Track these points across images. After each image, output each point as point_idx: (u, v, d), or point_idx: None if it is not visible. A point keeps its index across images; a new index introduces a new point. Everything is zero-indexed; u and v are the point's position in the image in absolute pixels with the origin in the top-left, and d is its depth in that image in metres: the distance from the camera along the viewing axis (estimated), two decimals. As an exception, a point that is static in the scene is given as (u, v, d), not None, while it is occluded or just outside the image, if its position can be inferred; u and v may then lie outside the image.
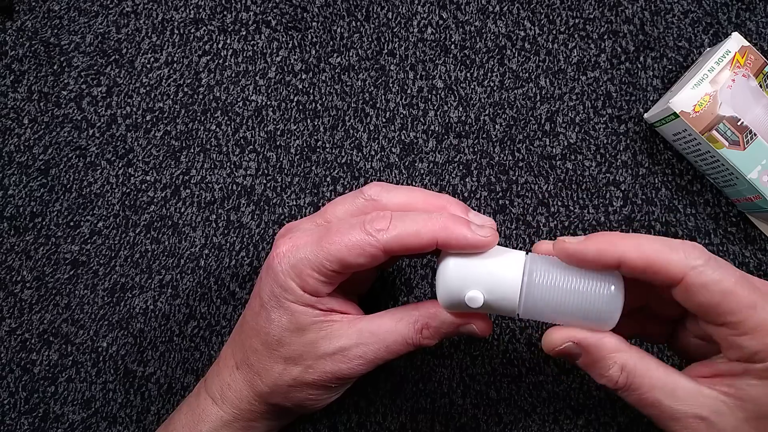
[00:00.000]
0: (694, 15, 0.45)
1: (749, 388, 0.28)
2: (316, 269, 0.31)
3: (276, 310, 0.32)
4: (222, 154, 0.44)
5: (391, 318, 0.32)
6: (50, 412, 0.42)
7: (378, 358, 0.32)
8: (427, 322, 0.32)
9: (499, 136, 0.44)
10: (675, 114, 0.40)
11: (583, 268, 0.29)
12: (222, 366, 0.35)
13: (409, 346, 0.32)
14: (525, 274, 0.30)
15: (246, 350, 0.34)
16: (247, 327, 0.34)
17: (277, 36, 0.45)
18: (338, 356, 0.32)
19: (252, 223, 0.44)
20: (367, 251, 0.30)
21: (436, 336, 0.32)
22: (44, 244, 0.44)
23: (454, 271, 0.30)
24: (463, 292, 0.30)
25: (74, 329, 0.43)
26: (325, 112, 0.45)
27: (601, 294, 0.29)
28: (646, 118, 0.44)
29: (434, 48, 0.45)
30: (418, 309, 0.33)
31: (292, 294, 0.31)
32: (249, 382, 0.34)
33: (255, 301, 0.33)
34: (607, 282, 0.29)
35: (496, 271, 0.30)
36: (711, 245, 0.43)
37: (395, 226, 0.30)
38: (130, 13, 0.45)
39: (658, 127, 0.43)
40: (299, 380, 0.32)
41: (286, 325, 0.32)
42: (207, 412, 0.34)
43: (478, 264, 0.30)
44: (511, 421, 0.42)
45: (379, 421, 0.42)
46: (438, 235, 0.30)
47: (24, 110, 0.45)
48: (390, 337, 0.32)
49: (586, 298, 0.29)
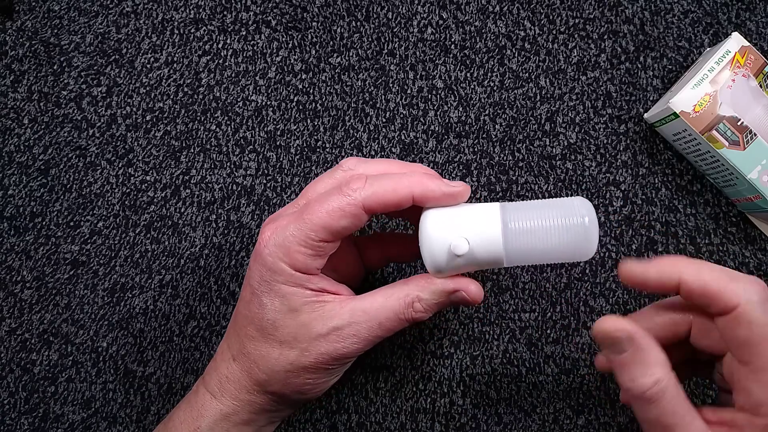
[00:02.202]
0: (694, 15, 0.45)
1: None
2: (302, 243, 0.31)
3: (267, 295, 0.32)
4: (222, 154, 0.44)
5: (383, 295, 0.33)
6: (50, 412, 0.42)
7: (372, 335, 0.32)
8: (417, 295, 0.33)
9: (499, 136, 0.44)
10: (675, 114, 0.40)
11: (552, 204, 0.31)
12: (219, 360, 0.35)
13: (402, 321, 0.33)
14: (502, 216, 0.31)
15: (242, 339, 0.34)
16: (240, 317, 0.34)
17: (277, 36, 0.45)
18: (332, 336, 0.32)
19: (252, 223, 0.44)
20: (347, 211, 0.31)
21: (428, 308, 0.33)
22: (44, 244, 0.44)
23: (434, 225, 0.31)
24: (447, 242, 0.31)
25: (74, 329, 0.43)
26: (325, 112, 0.45)
27: (577, 225, 0.30)
28: (646, 118, 0.44)
29: (434, 48, 0.45)
30: (408, 283, 0.33)
31: (281, 275, 0.32)
32: (247, 372, 0.34)
33: (245, 291, 0.34)
34: (579, 214, 0.30)
35: (475, 216, 0.31)
36: (711, 245, 0.43)
37: (371, 184, 0.31)
38: (130, 13, 0.45)
39: (658, 127, 0.43)
40: (296, 364, 0.33)
41: (278, 308, 0.32)
42: (206, 406, 0.34)
43: (457, 213, 0.31)
44: (511, 421, 0.42)
45: (379, 421, 0.42)
46: (413, 189, 0.31)
47: (24, 110, 0.45)
48: (382, 314, 0.32)
49: (562, 233, 0.30)
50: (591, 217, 0.30)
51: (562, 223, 0.30)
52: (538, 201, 0.32)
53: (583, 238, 0.30)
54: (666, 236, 0.43)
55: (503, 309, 0.43)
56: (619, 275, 0.31)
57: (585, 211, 0.30)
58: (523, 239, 0.31)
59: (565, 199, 0.32)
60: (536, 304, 0.43)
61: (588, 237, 0.30)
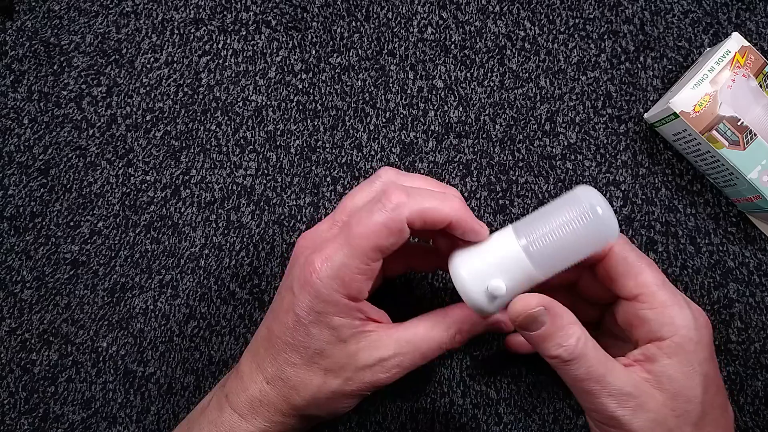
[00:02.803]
0: (694, 15, 0.45)
1: (663, 368, 0.30)
2: (357, 271, 0.31)
3: (316, 326, 0.32)
4: (222, 154, 0.44)
5: (425, 326, 0.33)
6: (50, 412, 0.42)
7: (413, 365, 0.33)
8: (460, 327, 0.33)
9: (499, 136, 0.44)
10: (675, 114, 0.40)
11: (561, 207, 0.31)
12: (248, 381, 0.34)
13: (442, 351, 0.34)
14: (522, 245, 0.31)
15: (281, 365, 0.33)
16: (280, 342, 0.33)
17: (277, 36, 0.45)
18: (377, 367, 0.32)
19: (252, 223, 0.44)
20: (393, 228, 0.30)
21: (466, 339, 0.34)
22: (44, 244, 0.44)
23: (468, 273, 0.31)
24: (484, 286, 0.31)
25: (74, 329, 0.43)
26: (325, 112, 0.45)
27: (593, 219, 0.30)
28: (646, 118, 0.44)
29: (434, 48, 0.45)
30: (449, 315, 0.34)
31: (335, 307, 0.31)
32: (284, 397, 0.33)
33: (287, 317, 0.32)
34: (589, 206, 0.30)
35: (499, 252, 0.31)
36: (711, 245, 0.43)
37: (414, 199, 0.31)
38: (130, 13, 0.45)
39: (658, 127, 0.43)
40: (338, 392, 0.33)
41: (327, 338, 0.32)
42: (235, 428, 0.34)
43: (482, 255, 0.32)
44: (511, 421, 0.42)
45: (379, 421, 0.42)
46: (453, 215, 0.31)
47: (24, 110, 0.45)
48: (425, 345, 0.33)
49: (581, 231, 0.30)
50: (600, 203, 0.30)
51: (578, 224, 0.30)
52: (545, 207, 0.32)
53: (603, 226, 0.30)
54: (666, 236, 0.43)
55: (503, 309, 0.43)
56: None
57: (594, 201, 0.30)
58: (549, 258, 0.31)
59: (569, 195, 0.31)
60: (536, 304, 0.43)
61: (606, 222, 0.30)
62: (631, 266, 0.32)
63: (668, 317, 0.31)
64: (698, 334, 0.31)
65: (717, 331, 0.42)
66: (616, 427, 0.30)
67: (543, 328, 0.30)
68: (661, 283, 0.31)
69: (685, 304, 0.31)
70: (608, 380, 0.30)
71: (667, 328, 0.31)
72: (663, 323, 0.31)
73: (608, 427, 0.31)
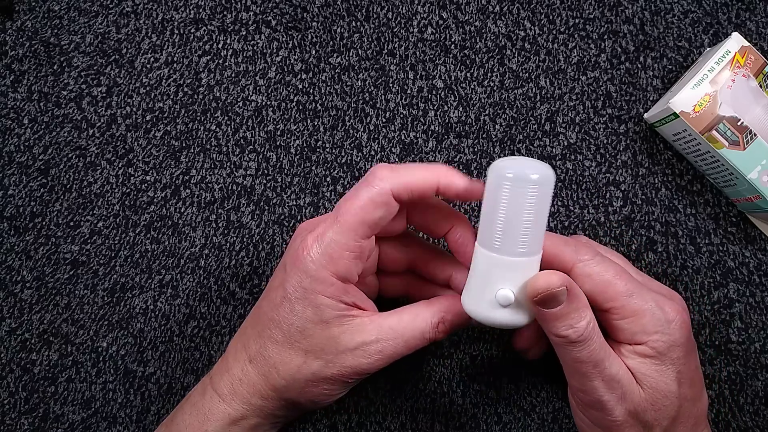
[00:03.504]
0: (694, 15, 0.45)
1: (641, 367, 0.32)
2: (345, 248, 0.31)
3: (301, 302, 0.32)
4: (222, 154, 0.44)
5: (409, 313, 0.33)
6: (50, 412, 0.42)
7: (396, 353, 0.33)
8: (443, 316, 0.34)
9: (499, 136, 0.44)
10: (675, 114, 0.40)
11: (488, 197, 0.31)
12: (231, 361, 0.35)
13: (425, 341, 0.34)
14: (486, 248, 0.31)
15: (264, 341, 0.33)
16: (266, 318, 0.34)
17: (277, 36, 0.45)
18: (359, 351, 0.32)
19: (252, 223, 0.44)
20: (378, 201, 0.31)
21: (449, 329, 0.34)
22: (44, 244, 0.44)
23: (476, 306, 0.32)
24: (496, 305, 0.31)
25: (74, 329, 0.43)
26: (325, 112, 0.45)
27: (514, 184, 0.30)
28: (646, 118, 0.44)
29: (434, 48, 0.45)
30: (434, 304, 0.34)
31: (321, 284, 0.32)
32: (264, 375, 0.33)
33: (276, 293, 0.33)
34: (504, 179, 0.30)
35: (484, 270, 0.31)
36: (711, 245, 0.43)
37: (398, 172, 0.32)
38: (130, 13, 0.45)
39: (658, 127, 0.43)
40: (318, 375, 0.33)
41: (310, 317, 0.32)
42: (214, 410, 0.34)
43: (477, 282, 0.32)
44: (511, 421, 0.42)
45: (379, 421, 0.42)
46: (440, 178, 0.32)
47: (24, 110, 0.45)
48: (408, 332, 0.33)
49: (518, 198, 0.30)
50: (509, 168, 0.30)
51: (511, 195, 0.30)
52: (483, 208, 0.31)
53: (526, 180, 0.29)
54: (666, 236, 0.43)
55: (503, 309, 0.43)
56: None
57: (499, 172, 0.30)
58: (521, 238, 0.30)
59: (487, 181, 0.31)
60: (536, 304, 0.43)
61: (525, 175, 0.29)
62: (596, 284, 0.32)
63: (640, 326, 0.32)
64: (671, 336, 0.32)
65: (717, 331, 0.42)
66: (599, 411, 0.32)
67: (559, 308, 0.31)
68: (629, 291, 0.32)
69: (657, 307, 0.32)
70: (605, 366, 0.31)
71: (640, 335, 0.32)
72: (635, 332, 0.32)
73: (592, 410, 0.33)
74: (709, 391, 0.42)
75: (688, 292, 0.43)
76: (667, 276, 0.43)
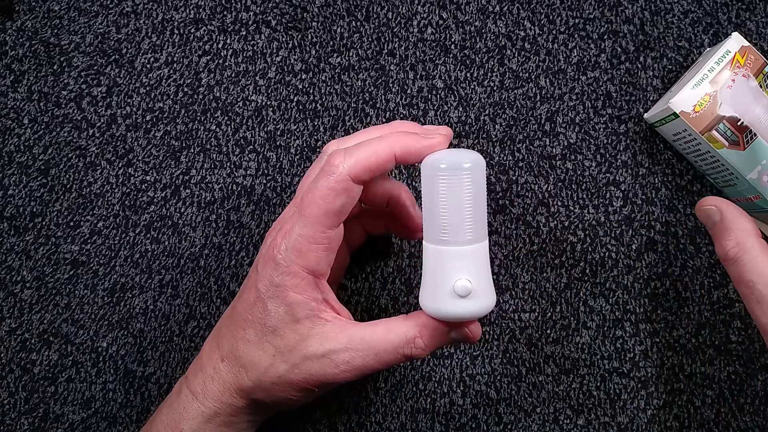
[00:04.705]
0: (694, 15, 0.45)
1: None
2: (312, 240, 0.31)
3: (273, 300, 0.32)
4: (222, 154, 0.44)
5: (384, 327, 0.32)
6: (50, 412, 0.42)
7: (365, 365, 0.32)
8: (420, 331, 0.32)
9: (499, 136, 0.44)
10: (675, 114, 0.40)
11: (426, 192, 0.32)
12: (205, 360, 0.35)
13: (399, 356, 0.32)
14: (433, 242, 0.32)
15: (236, 341, 0.33)
16: (239, 318, 0.34)
17: (277, 36, 0.45)
18: (326, 359, 0.32)
19: (252, 223, 0.44)
20: (338, 188, 0.31)
21: (428, 346, 0.32)
22: (44, 244, 0.44)
23: (432, 302, 0.31)
24: (451, 300, 0.31)
25: (74, 329, 0.43)
26: (325, 112, 0.45)
27: (447, 174, 0.31)
28: (645, 118, 0.44)
29: (434, 48, 0.45)
30: (410, 319, 0.33)
31: (293, 278, 0.32)
32: (233, 374, 0.33)
33: (249, 293, 0.33)
34: (438, 171, 0.31)
35: (435, 266, 0.31)
36: (711, 245, 0.43)
37: (351, 154, 0.31)
38: (130, 13, 0.45)
39: (658, 127, 0.43)
40: (284, 379, 0.32)
41: (282, 316, 0.32)
42: (188, 409, 0.34)
43: (431, 279, 0.32)
44: (511, 421, 0.42)
45: (379, 421, 0.42)
46: (394, 149, 0.31)
47: (24, 110, 0.45)
48: (381, 346, 0.32)
49: (452, 187, 0.31)
50: (441, 159, 0.31)
51: (445, 185, 0.30)
52: (423, 204, 0.32)
53: (457, 168, 0.30)
54: (666, 236, 0.43)
55: (503, 309, 0.43)
56: None
57: (436, 164, 0.31)
58: (467, 226, 0.31)
59: (423, 177, 0.32)
60: (536, 304, 0.43)
61: (456, 164, 0.30)
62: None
63: None
64: None
65: (717, 331, 0.42)
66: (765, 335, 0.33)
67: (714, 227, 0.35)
68: None
69: None
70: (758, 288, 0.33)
71: None
72: None
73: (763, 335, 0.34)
74: (708, 391, 0.42)
75: (688, 292, 0.43)
76: (668, 276, 0.43)
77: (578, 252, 0.43)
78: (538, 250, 0.43)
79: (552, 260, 0.43)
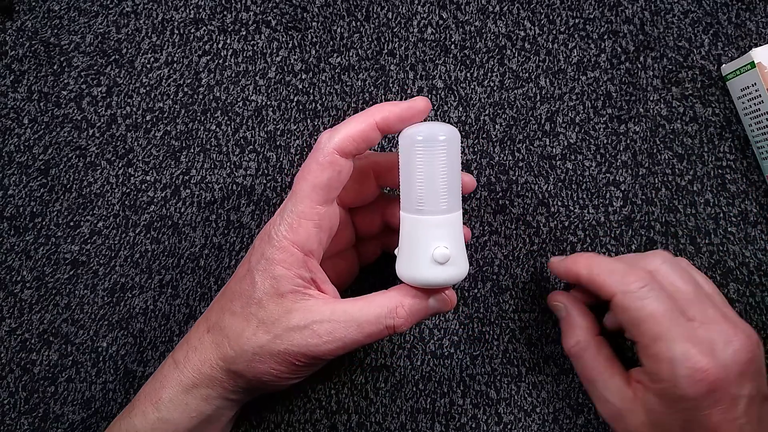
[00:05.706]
0: (694, 15, 0.45)
1: (650, 400, 0.34)
2: (303, 215, 0.32)
3: (261, 273, 0.33)
4: (222, 154, 0.44)
5: (366, 299, 0.33)
6: (50, 412, 0.42)
7: (348, 337, 0.32)
8: (401, 300, 0.33)
9: (499, 136, 0.44)
10: (752, 63, 0.39)
11: (403, 163, 0.33)
12: (192, 332, 0.36)
13: (381, 327, 0.33)
14: (409, 212, 0.33)
15: (224, 313, 0.34)
16: (229, 291, 0.35)
17: (277, 36, 0.45)
18: (308, 330, 0.32)
19: (252, 223, 0.44)
20: (323, 162, 0.32)
21: (409, 315, 0.33)
22: (44, 244, 0.44)
23: (407, 269, 0.33)
24: (429, 253, 0.32)
25: (74, 329, 0.43)
26: (325, 112, 0.45)
27: (424, 145, 0.32)
28: (722, 69, 0.43)
29: (434, 48, 0.45)
30: (391, 290, 0.34)
31: (282, 252, 0.32)
32: (216, 344, 0.34)
33: (242, 267, 0.35)
34: (414, 143, 0.32)
35: (411, 235, 0.33)
36: (711, 245, 0.43)
37: (336, 131, 0.33)
38: (130, 13, 0.45)
39: (730, 79, 0.42)
40: (265, 348, 0.33)
41: (267, 289, 0.33)
42: (169, 377, 0.35)
43: (408, 248, 0.33)
44: (511, 421, 0.42)
45: (379, 421, 0.42)
46: (375, 117, 0.32)
47: (24, 110, 0.45)
48: (363, 316, 0.32)
49: (428, 157, 0.32)
50: (419, 132, 0.32)
51: (421, 156, 0.32)
52: (400, 176, 0.33)
53: (432, 140, 0.32)
54: (666, 236, 0.43)
55: (503, 309, 0.43)
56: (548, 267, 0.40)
57: (413, 137, 0.32)
58: (442, 195, 0.32)
59: (401, 149, 0.33)
60: (536, 304, 0.43)
61: (432, 135, 0.32)
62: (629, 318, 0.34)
63: (656, 369, 0.33)
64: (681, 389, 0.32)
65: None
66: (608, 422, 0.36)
67: (561, 321, 0.39)
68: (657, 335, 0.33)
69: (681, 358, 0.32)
70: (597, 386, 0.36)
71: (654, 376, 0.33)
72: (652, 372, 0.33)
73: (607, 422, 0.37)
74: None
75: (688, 292, 0.43)
76: (667, 276, 0.43)
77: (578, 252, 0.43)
78: (538, 250, 0.43)
79: (552, 260, 0.43)
